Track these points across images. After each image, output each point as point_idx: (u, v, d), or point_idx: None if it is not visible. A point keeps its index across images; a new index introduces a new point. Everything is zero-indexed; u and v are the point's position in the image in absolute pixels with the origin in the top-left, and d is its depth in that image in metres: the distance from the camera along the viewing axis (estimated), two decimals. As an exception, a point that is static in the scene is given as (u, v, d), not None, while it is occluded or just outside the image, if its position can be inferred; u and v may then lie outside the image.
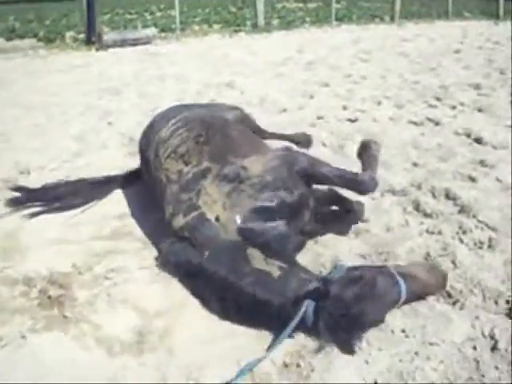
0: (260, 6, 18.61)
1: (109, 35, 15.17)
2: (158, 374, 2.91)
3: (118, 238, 4.34)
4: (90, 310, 3.41)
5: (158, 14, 28.39)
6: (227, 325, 3.22)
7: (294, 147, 5.11)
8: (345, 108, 8.25)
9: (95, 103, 8.95)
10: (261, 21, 18.73)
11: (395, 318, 3.18)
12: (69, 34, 18.74)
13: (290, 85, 10.02)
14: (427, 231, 4.34)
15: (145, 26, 19.09)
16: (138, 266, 3.89)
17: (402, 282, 3.06)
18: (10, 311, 3.40)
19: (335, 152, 6.31)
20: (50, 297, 3.48)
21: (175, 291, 3.52)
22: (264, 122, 7.35)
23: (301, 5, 30.59)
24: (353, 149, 6.16)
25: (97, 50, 14.72)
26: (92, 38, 15.24)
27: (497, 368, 2.83)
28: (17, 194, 4.95)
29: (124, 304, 3.44)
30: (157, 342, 3.12)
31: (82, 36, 17.07)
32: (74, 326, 3.26)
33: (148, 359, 3.00)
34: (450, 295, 3.42)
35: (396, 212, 4.68)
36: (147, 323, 3.26)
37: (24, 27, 23.69)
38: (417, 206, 4.75)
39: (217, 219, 3.41)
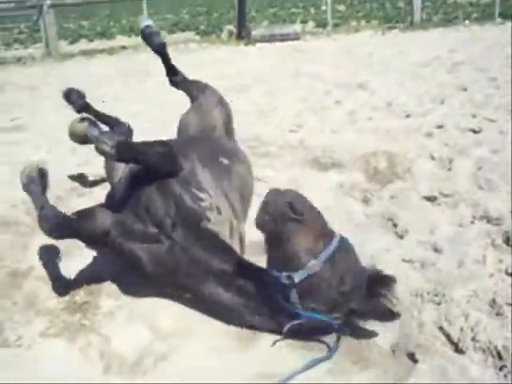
0: (417, 2, 17.74)
1: (258, 30, 15.35)
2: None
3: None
4: (107, 320, 3.38)
5: (323, 8, 28.27)
6: (229, 358, 3.04)
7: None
8: (474, 116, 7.56)
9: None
10: (417, 17, 17.86)
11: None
12: (227, 28, 19.22)
13: (425, 88, 9.42)
14: (506, 272, 3.78)
15: (303, 21, 19.09)
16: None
17: None
18: (36, 311, 3.47)
19: (443, 167, 5.79)
20: (75, 302, 3.52)
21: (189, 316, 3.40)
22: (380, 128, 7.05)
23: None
24: (463, 164, 5.69)
25: (245, 44, 14.94)
26: (242, 33, 15.51)
27: None
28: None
29: (140, 320, 3.37)
30: (151, 365, 3.01)
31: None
32: (84, 335, 3.24)
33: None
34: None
35: (479, 243, 4.16)
36: (151, 344, 3.17)
37: (193, 20, 24.79)
38: (507, 240, 4.18)
39: None
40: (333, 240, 2.93)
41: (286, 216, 2.86)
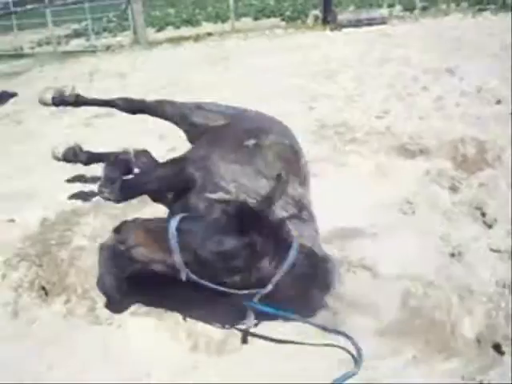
0: (511, -20, 16.97)
1: (344, 15, 15.24)
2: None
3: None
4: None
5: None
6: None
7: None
8: None
9: (304, 85, 9.07)
10: (511, -2, 17.11)
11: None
12: (312, 13, 19.13)
13: (520, 72, 9.11)
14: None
15: (390, 5, 18.75)
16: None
17: None
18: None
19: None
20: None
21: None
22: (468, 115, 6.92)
23: None
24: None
25: (331, 29, 14.87)
26: (328, 18, 15.43)
27: None
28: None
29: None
30: (238, 345, 3.14)
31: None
32: (171, 315, 3.41)
33: (223, 361, 3.05)
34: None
35: None
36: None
37: (278, 5, 24.77)
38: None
39: None
40: None
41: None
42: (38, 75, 13.50)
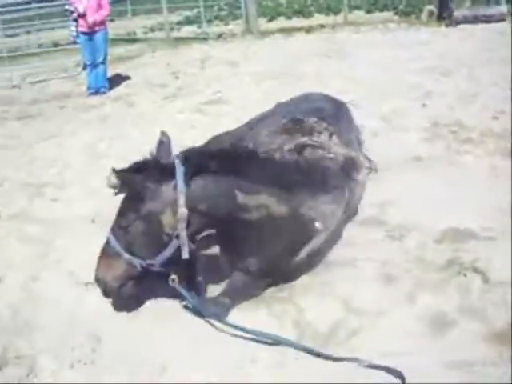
0: None
1: (460, 11, 14.75)
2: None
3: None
4: (302, 292, 3.62)
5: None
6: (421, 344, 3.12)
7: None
8: None
9: (418, 82, 8.89)
10: None
11: None
12: (427, 8, 18.63)
13: None
14: None
15: (508, 1, 17.92)
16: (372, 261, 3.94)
17: None
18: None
19: None
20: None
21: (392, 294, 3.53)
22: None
23: None
24: None
25: (446, 26, 14.44)
26: (443, 14, 14.98)
27: None
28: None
29: (333, 296, 3.55)
30: (343, 339, 3.17)
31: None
32: (280, 304, 3.51)
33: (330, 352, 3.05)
34: None
35: None
36: (345, 319, 3.33)
37: (390, -1, 24.26)
38: None
39: None
40: None
41: None
42: (151, 60, 13.95)
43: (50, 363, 3.22)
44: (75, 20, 10.38)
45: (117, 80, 11.38)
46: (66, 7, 10.80)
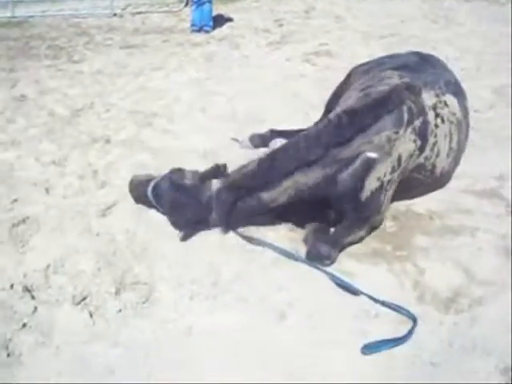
0: None
1: None
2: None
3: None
4: (422, 255, 3.54)
5: None
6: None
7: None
8: None
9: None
10: None
11: None
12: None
13: None
14: None
15: None
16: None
17: None
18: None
19: None
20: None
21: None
22: None
23: None
24: None
25: None
26: None
27: None
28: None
29: (454, 262, 3.47)
30: (466, 307, 3.09)
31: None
32: (400, 264, 3.44)
33: (448, 320, 3.01)
34: None
35: None
36: (466, 286, 3.25)
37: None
38: None
39: None
40: None
41: None
42: (253, 5, 13.70)
43: (169, 292, 3.19)
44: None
45: (220, 21, 11.25)
46: None
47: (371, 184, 3.43)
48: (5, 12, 11.72)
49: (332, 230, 3.67)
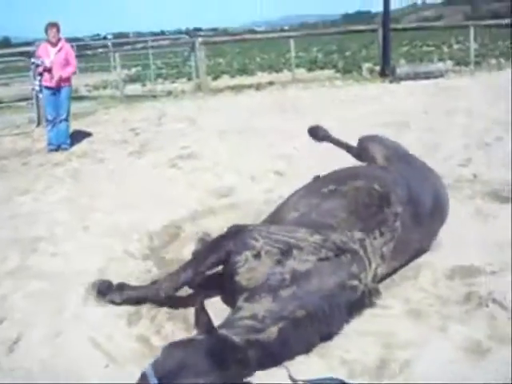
0: None
1: (402, 68, 15.65)
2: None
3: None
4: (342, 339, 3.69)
5: (456, 46, 28.15)
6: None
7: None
8: None
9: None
10: None
11: None
12: (366, 66, 19.60)
13: None
14: None
15: (440, 59, 19.16)
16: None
17: None
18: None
19: None
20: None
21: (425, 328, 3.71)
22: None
23: None
24: None
25: (390, 82, 15.25)
26: (386, 71, 15.85)
27: None
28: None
29: (374, 335, 3.68)
30: (397, 371, 3.29)
31: (378, 68, 17.70)
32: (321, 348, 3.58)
33: None
34: None
35: None
36: (390, 353, 3.46)
37: (325, 58, 25.44)
38: None
39: None
40: None
41: None
42: (105, 117, 14.00)
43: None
44: (40, 74, 10.25)
45: (77, 137, 11.32)
46: (33, 60, 10.67)
47: None
48: None
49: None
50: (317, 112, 11.67)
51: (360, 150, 5.60)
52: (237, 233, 3.99)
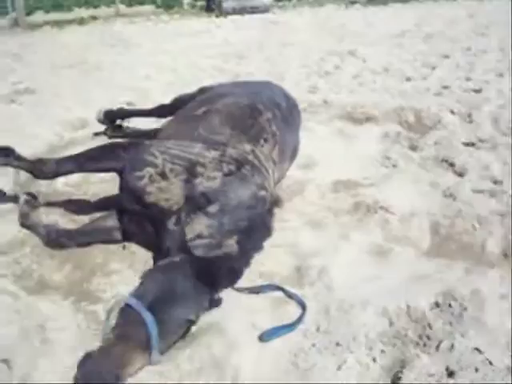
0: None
1: (228, 3, 15.67)
2: (318, 304, 3.17)
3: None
4: None
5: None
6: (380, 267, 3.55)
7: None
8: (468, 79, 8.28)
9: (223, 66, 9.39)
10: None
11: None
12: (186, 1, 19.34)
13: (411, 55, 10.13)
14: None
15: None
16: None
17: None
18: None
19: (464, 120, 6.42)
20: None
21: (328, 236, 3.89)
22: (390, 89, 7.67)
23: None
24: (480, 117, 6.34)
25: (216, 16, 15.24)
26: (212, 5, 15.78)
27: None
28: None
29: (283, 247, 3.75)
30: (315, 277, 3.41)
31: (200, 3, 17.59)
32: None
33: (308, 292, 3.30)
34: None
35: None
36: (303, 262, 3.57)
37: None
38: None
39: None
40: None
41: None
42: None
43: None
44: None
45: None
46: None
47: None
48: None
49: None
50: (147, 46, 11.43)
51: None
52: (134, 146, 3.83)
